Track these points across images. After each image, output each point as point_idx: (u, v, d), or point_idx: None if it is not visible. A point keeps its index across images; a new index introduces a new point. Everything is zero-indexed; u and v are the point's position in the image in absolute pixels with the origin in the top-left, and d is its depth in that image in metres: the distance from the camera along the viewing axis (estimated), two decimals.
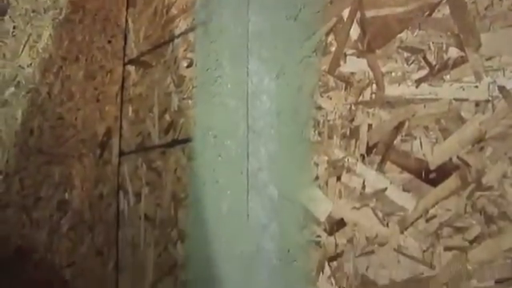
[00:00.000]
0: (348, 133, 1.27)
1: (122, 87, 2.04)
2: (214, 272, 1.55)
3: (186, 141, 1.71)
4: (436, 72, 1.13)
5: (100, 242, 2.02)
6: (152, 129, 1.86)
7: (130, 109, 1.99)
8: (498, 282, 1.02)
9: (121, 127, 2.01)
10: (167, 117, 1.81)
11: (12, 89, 2.60)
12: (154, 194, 1.82)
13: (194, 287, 1.64)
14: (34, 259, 2.27)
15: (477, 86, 1.07)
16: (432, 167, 1.12)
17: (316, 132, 1.33)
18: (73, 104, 2.24)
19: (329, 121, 1.31)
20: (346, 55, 1.30)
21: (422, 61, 1.16)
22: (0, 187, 2.52)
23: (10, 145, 2.53)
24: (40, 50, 2.50)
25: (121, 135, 2.01)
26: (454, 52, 1.12)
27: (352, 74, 1.28)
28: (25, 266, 2.30)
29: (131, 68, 2.04)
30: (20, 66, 2.59)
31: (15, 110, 2.52)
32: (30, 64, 2.53)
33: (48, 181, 2.27)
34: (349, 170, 1.25)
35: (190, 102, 1.73)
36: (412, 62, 1.17)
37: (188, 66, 1.76)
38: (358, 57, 1.28)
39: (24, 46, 2.61)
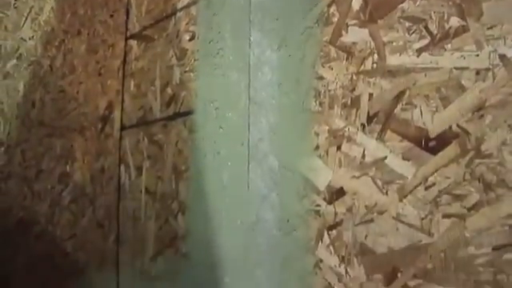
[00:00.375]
0: (349, 102, 1.27)
1: (124, 61, 2.04)
2: (214, 243, 1.56)
3: (188, 113, 1.71)
4: (437, 41, 1.14)
5: (101, 215, 2.03)
6: (154, 102, 1.87)
7: (132, 83, 1.99)
8: (495, 248, 1.02)
9: (122, 101, 2.01)
10: (169, 90, 1.81)
11: (14, 61, 2.60)
12: (155, 167, 1.82)
13: (195, 259, 1.65)
14: (36, 231, 2.28)
15: (478, 55, 1.07)
16: (432, 135, 1.12)
17: (317, 102, 1.34)
18: (75, 77, 2.24)
19: (330, 91, 1.31)
20: (347, 25, 1.31)
21: (424, 30, 1.16)
22: (2, 159, 2.52)
23: (11, 117, 2.53)
24: (42, 23, 2.50)
25: (122, 109, 2.01)
26: (455, 21, 1.12)
27: (354, 44, 1.29)
28: (26, 238, 2.31)
29: (133, 42, 2.04)
30: (22, 38, 2.58)
31: (17, 82, 2.52)
32: (32, 37, 2.53)
33: (49, 153, 2.28)
34: (349, 140, 1.26)
35: (191, 74, 1.73)
36: (413, 32, 1.18)
37: (190, 39, 1.76)
38: (360, 27, 1.28)
39: (26, 19, 2.60)
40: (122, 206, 1.96)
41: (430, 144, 1.13)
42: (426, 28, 1.16)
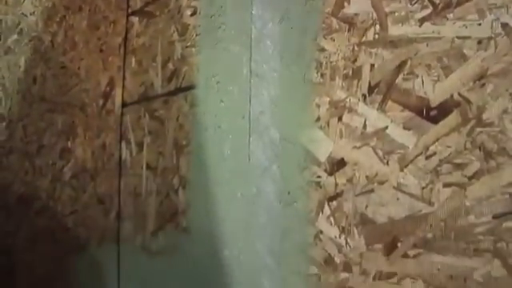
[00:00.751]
0: (350, 73, 1.27)
1: (126, 38, 2.04)
2: (214, 216, 1.57)
3: (189, 88, 1.71)
4: (439, 11, 1.13)
5: (102, 191, 2.03)
6: (155, 78, 1.86)
7: (133, 59, 1.99)
8: (495, 217, 1.03)
9: (124, 78, 2.01)
10: (170, 65, 1.81)
11: (15, 36, 2.58)
12: (156, 143, 1.82)
13: (195, 232, 1.65)
14: (37, 206, 2.29)
15: (480, 24, 1.07)
16: (433, 105, 1.12)
17: (318, 74, 1.34)
18: (76, 53, 2.23)
19: (331, 62, 1.31)
20: None
21: (426, 0, 1.16)
22: (3, 134, 2.52)
23: (12, 92, 2.53)
24: None
25: (123, 86, 2.01)
26: None
27: (356, 15, 1.28)
28: (27, 213, 2.31)
29: (135, 19, 2.03)
30: (23, 13, 2.57)
31: (18, 58, 2.51)
32: (33, 12, 2.51)
33: (51, 129, 2.28)
34: (350, 110, 1.26)
35: (193, 49, 1.73)
36: (416, 2, 1.17)
37: (192, 15, 1.76)
38: None
39: None
40: (123, 183, 1.96)
41: (431, 113, 1.13)
42: None
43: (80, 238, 2.09)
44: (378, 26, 1.23)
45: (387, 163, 1.18)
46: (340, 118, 1.28)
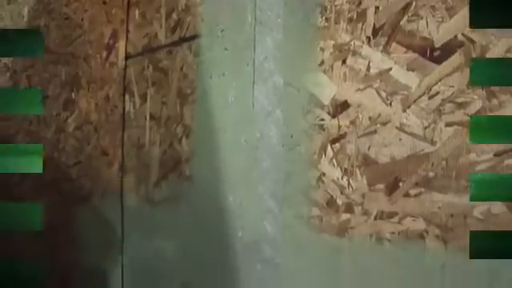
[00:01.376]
0: (355, 16, 1.28)
1: None
2: (218, 162, 1.58)
3: (193, 38, 1.72)
4: None
5: (105, 143, 2.05)
6: (159, 29, 1.87)
7: (137, 12, 1.99)
8: (496, 154, 1.04)
9: (127, 30, 2.01)
10: (174, 16, 1.81)
11: None
12: (159, 94, 1.84)
13: (199, 180, 1.67)
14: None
15: None
16: (437, 45, 1.13)
17: (323, 18, 1.34)
18: (79, 5, 2.23)
19: (336, 6, 1.32)
20: None
21: None
22: (7, 84, 2.52)
23: None
24: None
25: (127, 38, 2.01)
26: None
27: None
28: None
29: None
30: None
31: (21, 8, 2.51)
32: None
33: (55, 80, 2.28)
34: (354, 53, 1.27)
35: None
36: None
37: None
38: None
39: None
40: (126, 134, 1.97)
41: (434, 54, 1.13)
42: None
43: (84, 189, 2.11)
44: None
45: (390, 104, 1.19)
46: (344, 61, 1.29)
